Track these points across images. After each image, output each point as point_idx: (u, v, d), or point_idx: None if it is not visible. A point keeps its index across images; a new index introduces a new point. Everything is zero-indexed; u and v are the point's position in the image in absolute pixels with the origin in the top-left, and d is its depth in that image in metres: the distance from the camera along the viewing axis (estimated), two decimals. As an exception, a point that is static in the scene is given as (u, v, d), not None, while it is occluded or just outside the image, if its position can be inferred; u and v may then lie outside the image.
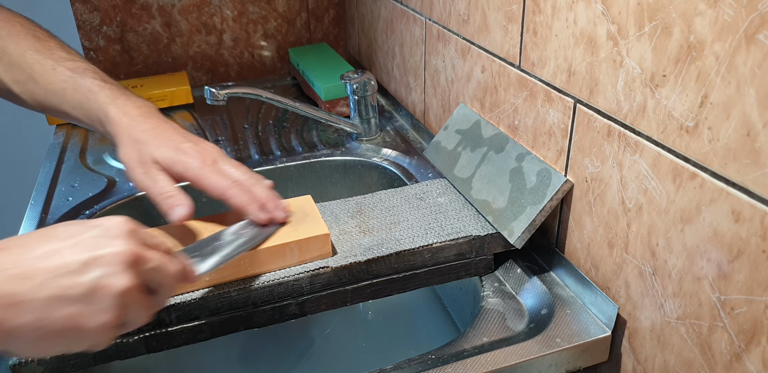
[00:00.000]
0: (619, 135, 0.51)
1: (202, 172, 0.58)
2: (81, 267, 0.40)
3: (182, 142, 0.60)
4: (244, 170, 0.61)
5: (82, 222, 0.43)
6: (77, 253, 0.40)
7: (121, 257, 0.41)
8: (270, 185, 0.63)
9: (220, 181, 0.58)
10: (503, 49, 0.66)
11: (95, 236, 0.42)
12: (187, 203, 0.56)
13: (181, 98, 1.09)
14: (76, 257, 0.40)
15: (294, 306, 0.60)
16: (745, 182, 0.40)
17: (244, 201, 0.58)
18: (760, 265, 0.39)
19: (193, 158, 0.58)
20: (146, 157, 0.58)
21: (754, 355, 0.41)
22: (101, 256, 0.40)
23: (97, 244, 0.41)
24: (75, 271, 0.39)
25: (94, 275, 0.40)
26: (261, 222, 0.59)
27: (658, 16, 0.44)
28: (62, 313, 0.39)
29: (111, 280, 0.40)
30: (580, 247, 0.60)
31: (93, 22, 1.11)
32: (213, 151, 0.61)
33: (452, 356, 0.54)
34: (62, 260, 0.40)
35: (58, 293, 0.39)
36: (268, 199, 0.60)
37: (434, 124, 0.90)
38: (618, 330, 0.56)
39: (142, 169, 0.58)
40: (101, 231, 0.42)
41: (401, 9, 0.93)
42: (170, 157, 0.58)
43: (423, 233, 0.63)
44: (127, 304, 0.41)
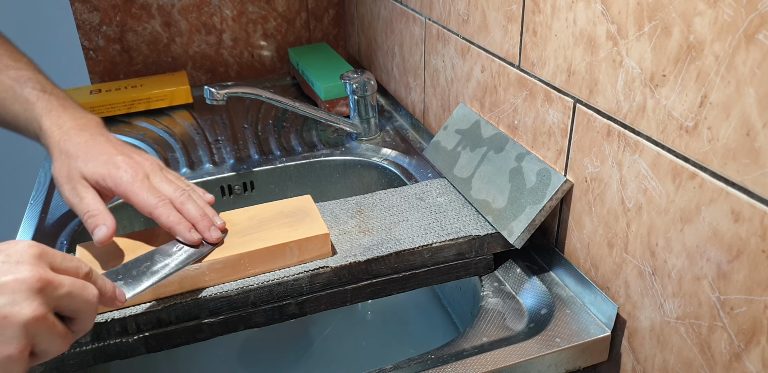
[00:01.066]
0: (618, 135, 0.51)
1: (132, 188, 0.56)
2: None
3: (115, 155, 0.58)
4: (179, 185, 0.59)
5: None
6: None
7: (25, 284, 0.38)
8: (209, 201, 0.61)
9: (149, 199, 0.55)
10: (503, 49, 0.66)
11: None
12: (109, 222, 0.54)
13: (181, 98, 1.09)
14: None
15: (294, 306, 0.60)
16: (745, 182, 0.40)
17: (171, 221, 0.55)
18: (759, 265, 0.39)
19: (123, 172, 0.56)
20: (74, 173, 0.56)
21: (754, 355, 0.41)
22: (2, 284, 0.38)
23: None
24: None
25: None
26: (189, 243, 0.56)
27: (658, 15, 0.44)
28: None
29: (14, 308, 0.37)
30: (579, 247, 0.60)
31: (92, 22, 1.11)
32: (146, 164, 0.59)
33: (452, 355, 0.54)
34: None
35: None
36: (200, 218, 0.57)
37: (434, 124, 0.90)
38: (618, 330, 0.56)
39: (69, 186, 0.56)
40: (2, 257, 0.39)
41: (401, 9, 0.93)
42: (99, 173, 0.56)
43: (423, 233, 0.63)
44: (35, 333, 0.39)
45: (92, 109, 1.04)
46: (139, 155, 0.60)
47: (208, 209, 0.59)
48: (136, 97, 1.06)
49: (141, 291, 0.51)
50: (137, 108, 1.07)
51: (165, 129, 1.02)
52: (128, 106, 1.06)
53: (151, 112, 1.08)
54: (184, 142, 0.97)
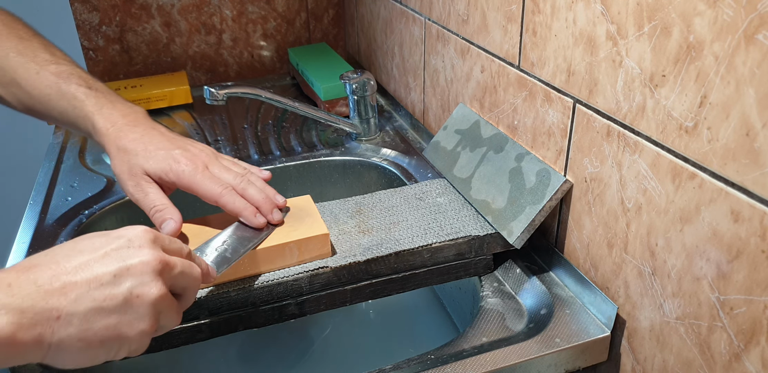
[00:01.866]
0: (618, 135, 0.51)
1: (194, 180, 0.58)
2: (113, 279, 0.41)
3: (172, 149, 0.59)
4: (238, 169, 0.61)
5: (104, 234, 0.44)
6: (107, 265, 0.41)
7: (149, 266, 0.42)
8: (267, 177, 0.63)
9: (213, 188, 0.58)
10: (503, 49, 0.66)
11: (121, 247, 0.43)
12: (176, 217, 0.57)
13: (181, 98, 1.09)
14: (106, 269, 0.41)
15: (293, 306, 0.60)
16: (745, 182, 0.40)
17: (237, 207, 0.58)
18: (759, 265, 0.39)
19: (184, 166, 0.58)
20: (136, 170, 0.58)
21: (754, 355, 0.41)
22: (131, 266, 0.42)
23: (124, 255, 0.42)
24: (108, 283, 0.41)
25: (126, 285, 0.41)
26: (256, 227, 0.58)
27: (658, 16, 0.44)
28: (102, 324, 0.40)
29: (144, 289, 0.42)
30: (579, 247, 0.60)
31: (92, 22, 1.11)
32: (203, 155, 0.61)
33: (451, 356, 0.54)
34: (94, 272, 0.41)
35: (95, 306, 0.40)
36: (263, 201, 0.59)
37: (433, 124, 0.90)
38: (617, 330, 0.56)
39: (133, 182, 0.58)
40: (125, 242, 0.43)
41: (401, 9, 0.93)
42: (161, 168, 0.58)
43: (422, 233, 0.63)
44: (161, 310, 0.43)
45: (92, 109, 1.04)
46: (193, 146, 0.61)
47: (268, 190, 0.62)
48: (136, 98, 1.06)
49: (226, 267, 0.53)
50: (137, 108, 1.06)
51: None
52: (128, 106, 1.06)
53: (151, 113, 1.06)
54: (184, 142, 0.97)
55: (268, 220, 0.59)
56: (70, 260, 0.41)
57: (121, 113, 0.62)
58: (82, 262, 0.41)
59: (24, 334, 0.37)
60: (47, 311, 0.38)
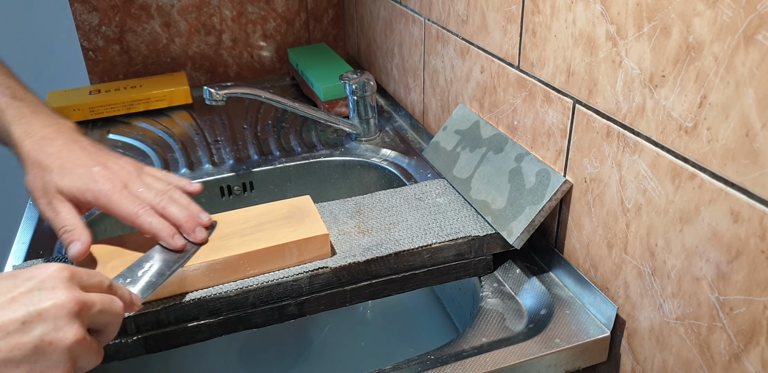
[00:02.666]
0: (618, 135, 0.51)
1: (111, 200, 0.55)
2: (21, 326, 0.38)
3: (91, 166, 0.56)
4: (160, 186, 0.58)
5: (13, 275, 0.41)
6: (14, 310, 0.38)
7: (64, 309, 0.39)
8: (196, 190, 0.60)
9: (129, 209, 0.55)
10: (502, 50, 0.66)
11: (31, 289, 0.39)
12: (84, 238, 0.53)
13: (180, 98, 1.09)
14: (13, 316, 0.38)
15: (293, 306, 0.60)
16: (744, 183, 0.40)
17: (154, 228, 0.55)
18: (758, 265, 0.40)
19: (101, 185, 0.55)
20: (50, 187, 0.55)
21: (753, 355, 0.41)
22: (42, 311, 0.38)
23: (35, 298, 0.39)
24: (15, 331, 0.37)
25: (37, 332, 0.38)
26: (175, 249, 0.56)
27: (657, 16, 0.44)
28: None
29: (57, 335, 0.38)
30: (579, 247, 0.60)
31: (92, 22, 1.11)
32: (124, 172, 0.58)
33: (451, 356, 0.54)
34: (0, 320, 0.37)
35: (3, 357, 0.37)
36: (183, 220, 0.57)
37: (433, 125, 0.90)
38: (617, 330, 0.56)
39: (45, 200, 0.55)
40: (37, 283, 0.40)
41: (400, 9, 0.93)
42: (76, 187, 0.55)
43: (422, 234, 0.63)
44: (79, 353, 0.40)
45: (91, 109, 1.04)
46: (115, 163, 0.58)
47: (193, 207, 0.59)
48: (136, 98, 1.06)
49: (152, 292, 0.51)
50: (136, 108, 1.07)
51: (164, 129, 1.02)
52: (127, 106, 1.06)
53: (151, 113, 1.08)
54: (184, 142, 0.97)
55: (191, 239, 0.57)
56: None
57: (42, 125, 0.58)
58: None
59: None
60: None
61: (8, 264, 0.69)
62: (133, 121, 1.05)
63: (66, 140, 0.58)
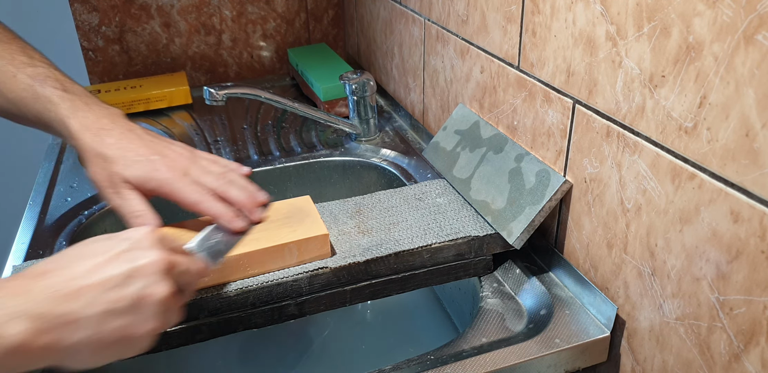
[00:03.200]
0: (618, 135, 0.51)
1: (174, 188, 0.57)
2: (123, 280, 0.42)
3: (150, 155, 0.59)
4: (217, 168, 0.61)
5: (110, 237, 0.45)
6: (116, 267, 0.42)
7: (157, 266, 0.44)
8: (247, 173, 0.63)
9: (192, 196, 0.57)
10: (502, 50, 0.66)
11: (128, 249, 0.44)
12: (154, 222, 0.56)
13: (180, 99, 1.09)
14: (116, 271, 0.42)
15: (293, 307, 0.60)
16: (744, 183, 0.40)
17: (217, 212, 0.58)
18: (758, 265, 0.40)
19: (164, 173, 0.58)
20: (116, 178, 0.57)
21: (753, 355, 0.41)
22: (139, 267, 0.43)
23: (132, 256, 0.43)
24: (119, 284, 0.42)
25: (136, 286, 0.42)
26: (236, 230, 0.58)
27: (657, 16, 0.44)
28: (114, 325, 0.41)
29: (153, 289, 0.43)
30: (579, 247, 0.60)
31: (92, 23, 1.11)
32: (182, 159, 0.60)
33: (451, 356, 0.54)
34: (104, 275, 0.42)
35: (107, 308, 0.41)
36: (245, 201, 0.59)
37: (433, 125, 0.90)
38: (617, 331, 0.56)
39: (113, 189, 0.57)
40: (132, 244, 0.44)
41: (400, 9, 0.93)
42: (141, 176, 0.57)
43: (422, 234, 0.63)
44: (169, 308, 0.44)
45: (91, 109, 1.04)
46: (171, 150, 0.61)
47: (249, 188, 0.61)
48: (136, 98, 1.06)
49: (221, 260, 0.55)
50: (136, 108, 1.07)
51: (164, 130, 1.02)
52: (127, 106, 1.06)
53: (151, 113, 1.08)
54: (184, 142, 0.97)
55: (252, 219, 0.60)
56: (80, 264, 0.42)
57: (96, 116, 0.60)
58: (92, 265, 0.42)
59: (40, 339, 0.38)
60: (62, 316, 0.39)
61: (8, 264, 0.69)
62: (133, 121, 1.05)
63: (123, 130, 0.60)
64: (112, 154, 0.58)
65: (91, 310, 0.40)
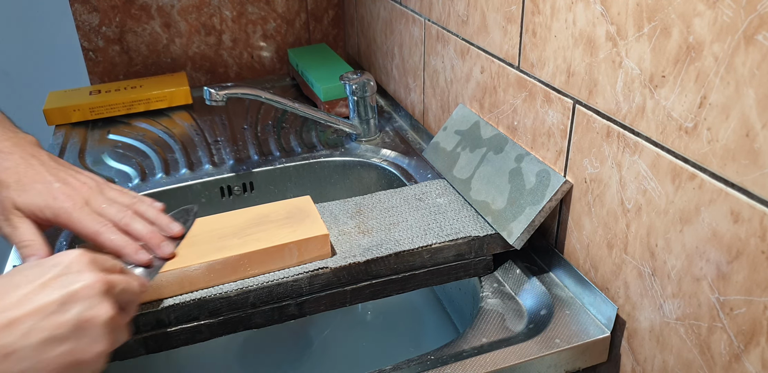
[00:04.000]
0: (618, 136, 0.51)
1: (72, 217, 0.54)
2: (59, 307, 0.40)
3: (51, 182, 0.55)
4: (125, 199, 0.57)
5: (38, 264, 0.43)
6: (49, 294, 0.41)
7: (94, 289, 0.42)
8: (159, 209, 0.59)
9: (90, 226, 0.54)
10: (502, 50, 0.66)
11: (60, 274, 0.42)
12: (41, 253, 0.53)
13: (180, 99, 1.09)
14: (50, 298, 0.40)
15: (293, 307, 0.60)
16: (744, 183, 0.40)
17: (117, 245, 0.54)
18: (759, 265, 0.40)
19: (62, 202, 0.54)
20: (7, 203, 0.53)
21: (753, 356, 0.41)
22: (75, 291, 0.41)
23: (65, 282, 0.42)
24: (55, 311, 0.40)
25: (76, 310, 0.41)
26: (140, 264, 0.54)
27: (657, 16, 0.44)
28: (56, 353, 0.40)
29: (93, 312, 0.41)
30: (579, 247, 0.60)
31: (92, 23, 1.11)
32: (85, 188, 0.56)
33: (451, 356, 0.54)
34: (38, 303, 0.40)
35: (47, 336, 0.39)
36: (148, 236, 0.56)
37: (433, 125, 0.90)
38: (617, 331, 0.56)
39: (2, 216, 0.54)
40: (63, 269, 0.43)
41: (400, 10, 0.93)
42: (35, 204, 0.53)
43: (422, 234, 0.63)
44: (115, 328, 0.43)
45: (92, 109, 1.04)
46: (75, 179, 0.57)
47: (161, 219, 0.58)
48: (136, 98, 1.06)
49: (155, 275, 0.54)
50: (137, 109, 1.07)
51: (164, 130, 1.02)
52: (128, 107, 1.06)
53: (151, 113, 1.08)
54: (184, 143, 0.97)
55: (157, 254, 0.56)
56: (8, 295, 0.40)
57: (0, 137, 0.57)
58: (22, 295, 0.40)
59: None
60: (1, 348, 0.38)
61: (8, 264, 0.69)
62: (133, 122, 1.05)
63: (24, 154, 0.56)
64: (5, 178, 0.54)
65: (29, 340, 0.39)
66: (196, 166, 0.90)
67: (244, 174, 0.88)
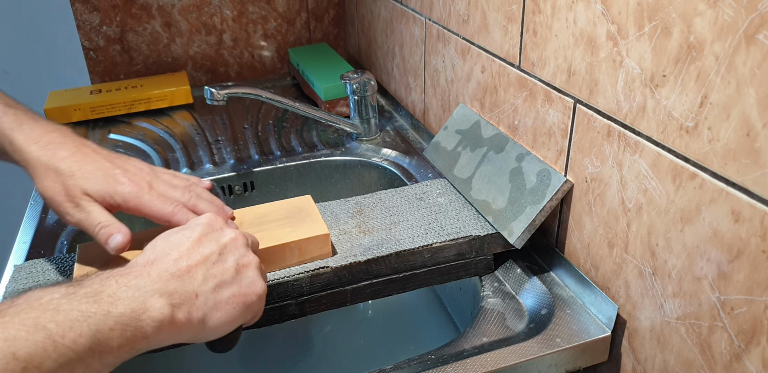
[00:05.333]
0: (618, 135, 0.51)
1: (142, 201, 0.55)
2: (219, 256, 0.48)
3: (110, 168, 0.55)
4: (181, 182, 0.59)
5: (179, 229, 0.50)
6: (207, 247, 0.48)
7: (239, 241, 0.50)
8: (208, 187, 0.62)
9: (163, 208, 0.55)
10: (503, 49, 0.66)
11: (205, 232, 0.49)
12: (124, 230, 0.53)
13: (181, 98, 1.09)
14: (210, 250, 0.47)
15: (294, 306, 0.60)
16: (745, 182, 0.40)
17: None
18: (759, 265, 0.40)
19: (129, 187, 0.55)
20: (75, 191, 0.53)
21: (754, 355, 0.41)
22: (226, 243, 0.49)
23: (214, 237, 0.49)
24: (218, 260, 0.47)
25: (233, 258, 0.48)
26: None
27: (658, 16, 0.44)
28: (228, 294, 0.46)
29: (245, 259, 0.49)
30: (579, 247, 0.60)
31: (93, 22, 1.11)
32: (144, 173, 0.57)
33: (452, 356, 0.54)
34: (201, 254, 0.47)
35: (218, 281, 0.46)
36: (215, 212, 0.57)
37: (434, 125, 0.90)
38: (618, 330, 0.56)
39: (72, 203, 0.54)
40: (206, 227, 0.50)
41: (401, 9, 0.93)
42: (104, 190, 0.54)
43: (423, 233, 0.63)
44: (262, 272, 0.50)
45: (92, 109, 1.04)
46: (131, 165, 0.58)
47: (216, 201, 0.60)
48: (137, 98, 1.06)
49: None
50: (137, 108, 1.07)
51: (165, 129, 1.02)
52: (128, 106, 1.06)
53: (152, 113, 1.08)
54: (185, 142, 0.97)
55: None
56: (175, 251, 0.47)
57: (44, 129, 0.57)
58: (185, 249, 0.47)
59: (178, 313, 0.43)
60: (188, 293, 0.44)
61: (9, 264, 0.69)
62: (134, 121, 1.05)
63: (76, 144, 0.57)
64: (67, 167, 0.54)
65: (207, 284, 0.45)
66: (197, 165, 0.90)
67: (244, 173, 0.88)
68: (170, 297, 0.43)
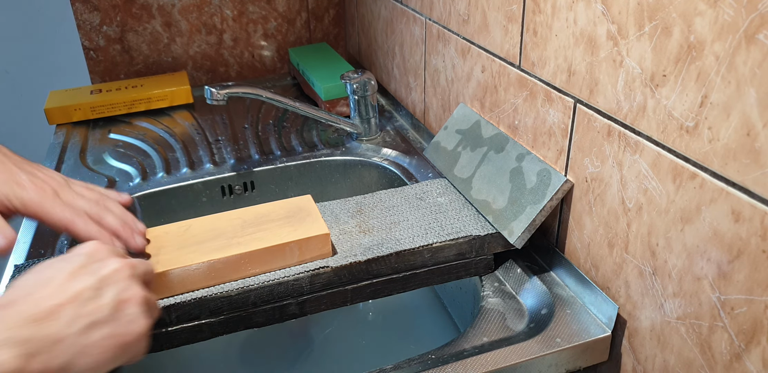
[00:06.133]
0: (619, 135, 0.51)
1: (44, 207, 0.53)
2: (95, 292, 0.42)
3: (17, 173, 0.54)
4: (92, 195, 0.57)
5: (59, 259, 0.45)
6: (83, 281, 0.43)
7: (123, 272, 0.45)
8: (126, 202, 0.59)
9: (64, 215, 0.53)
10: (503, 49, 0.66)
11: (85, 263, 0.44)
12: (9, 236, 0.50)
13: (181, 98, 1.09)
14: (85, 284, 0.42)
15: (294, 306, 0.60)
16: (745, 182, 0.40)
17: (93, 233, 0.54)
18: (760, 265, 0.39)
19: (31, 193, 0.53)
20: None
21: (754, 355, 0.41)
22: (106, 276, 0.44)
23: (93, 269, 0.44)
24: (93, 296, 0.42)
25: (110, 294, 0.43)
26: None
27: (658, 15, 0.44)
28: (100, 336, 0.41)
29: (128, 293, 0.44)
30: (580, 247, 0.60)
31: (93, 22, 1.11)
32: (53, 181, 0.55)
33: (452, 355, 0.54)
34: (74, 290, 0.42)
35: (89, 321, 0.41)
36: (121, 228, 0.56)
37: (434, 124, 0.90)
38: (618, 330, 0.56)
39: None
40: (87, 258, 0.45)
41: (401, 9, 0.93)
42: (3, 193, 0.52)
43: (423, 233, 0.63)
44: (148, 307, 0.45)
45: (93, 109, 1.04)
46: (42, 172, 0.56)
47: (127, 216, 0.58)
48: (137, 97, 1.06)
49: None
50: (138, 108, 1.07)
51: (165, 129, 1.02)
52: (129, 106, 1.06)
53: (152, 112, 1.08)
54: (185, 142, 0.97)
55: (130, 246, 0.56)
56: (44, 288, 0.42)
57: None
58: (57, 285, 0.42)
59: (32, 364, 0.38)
60: (47, 338, 0.39)
61: (9, 263, 0.69)
62: (134, 121, 1.05)
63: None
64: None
65: (74, 326, 0.40)
66: (197, 165, 0.90)
67: (245, 173, 0.88)
68: (24, 346, 0.38)
